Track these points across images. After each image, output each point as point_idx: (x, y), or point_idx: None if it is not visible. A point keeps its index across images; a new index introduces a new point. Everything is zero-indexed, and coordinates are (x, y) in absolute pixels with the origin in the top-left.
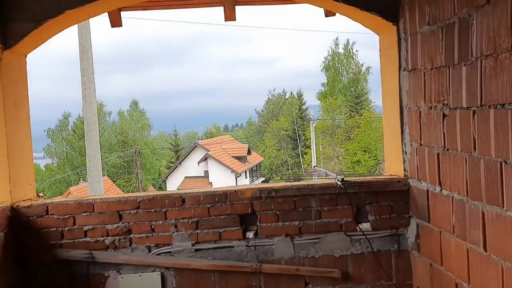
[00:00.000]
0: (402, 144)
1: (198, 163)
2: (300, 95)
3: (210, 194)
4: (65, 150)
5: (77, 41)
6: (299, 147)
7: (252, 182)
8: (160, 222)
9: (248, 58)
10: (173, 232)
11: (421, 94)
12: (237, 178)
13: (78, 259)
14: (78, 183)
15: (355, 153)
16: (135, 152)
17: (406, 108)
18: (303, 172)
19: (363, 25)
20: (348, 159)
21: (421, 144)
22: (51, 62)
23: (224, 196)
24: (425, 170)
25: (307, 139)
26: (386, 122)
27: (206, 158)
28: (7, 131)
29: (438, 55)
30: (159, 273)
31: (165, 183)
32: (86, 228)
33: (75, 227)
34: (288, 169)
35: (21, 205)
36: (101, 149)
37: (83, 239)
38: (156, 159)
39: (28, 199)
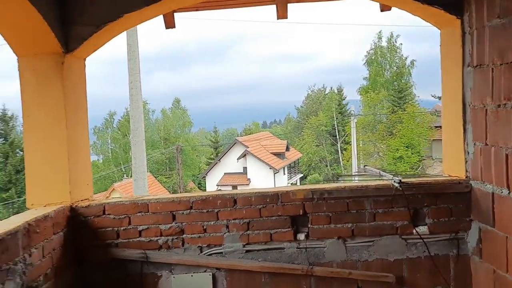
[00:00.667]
0: (464, 144)
1: (237, 159)
2: (340, 90)
3: (261, 195)
4: (110, 147)
5: (124, 41)
6: (338, 143)
7: (290, 178)
8: (212, 222)
9: (287, 54)
10: (224, 233)
11: (488, 91)
12: (275, 175)
13: (132, 258)
14: (122, 179)
15: (397, 149)
16: (176, 149)
17: (469, 105)
18: (343, 169)
19: (423, 19)
20: (390, 155)
21: (486, 144)
22: (96, 61)
23: (276, 197)
24: (490, 171)
25: (347, 134)
26: (446, 120)
27: (245, 155)
28: (67, 133)
29: (509, 50)
30: (211, 273)
31: (205, 179)
32: (140, 228)
33: (130, 227)
34: (326, 166)
35: (79, 205)
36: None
37: (138, 239)
38: (196, 156)
39: (86, 199)
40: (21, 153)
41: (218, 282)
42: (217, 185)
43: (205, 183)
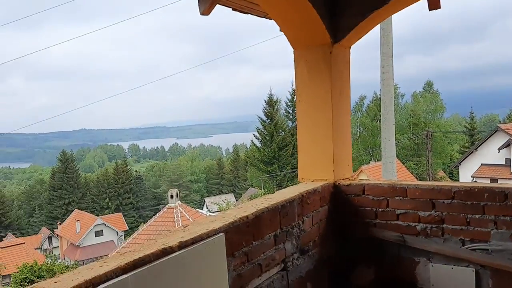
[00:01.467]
0: None
1: (499, 149)
2: None
3: None
4: (358, 130)
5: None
6: None
7: None
8: (477, 216)
9: None
10: (491, 229)
11: None
12: None
13: (389, 240)
14: (369, 162)
15: None
16: (426, 134)
17: None
18: None
19: None
20: None
21: None
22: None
23: None
24: None
25: None
26: None
27: (509, 144)
28: (333, 116)
29: None
30: (474, 269)
31: (458, 169)
32: (398, 211)
33: (388, 209)
34: None
35: (341, 183)
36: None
37: (395, 222)
38: (448, 143)
39: (346, 178)
40: (283, 133)
41: (483, 280)
42: (472, 177)
43: (457, 173)
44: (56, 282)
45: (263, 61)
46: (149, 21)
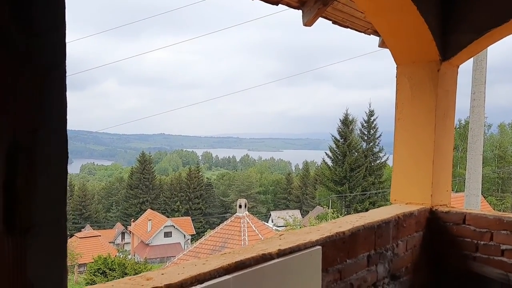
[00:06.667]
0: None
1: None
2: None
3: None
4: None
5: None
6: None
7: None
8: None
9: None
10: None
11: None
12: None
13: (491, 277)
14: None
15: None
16: None
17: None
18: None
19: None
20: None
21: None
22: None
23: None
24: None
25: None
26: None
27: None
28: (435, 138)
29: None
30: None
31: None
32: (503, 247)
33: (492, 244)
34: None
35: (439, 210)
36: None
37: (499, 258)
38: None
39: (444, 205)
40: (356, 153)
41: None
42: None
43: None
44: (163, 274)
45: (341, 81)
46: (235, 35)
